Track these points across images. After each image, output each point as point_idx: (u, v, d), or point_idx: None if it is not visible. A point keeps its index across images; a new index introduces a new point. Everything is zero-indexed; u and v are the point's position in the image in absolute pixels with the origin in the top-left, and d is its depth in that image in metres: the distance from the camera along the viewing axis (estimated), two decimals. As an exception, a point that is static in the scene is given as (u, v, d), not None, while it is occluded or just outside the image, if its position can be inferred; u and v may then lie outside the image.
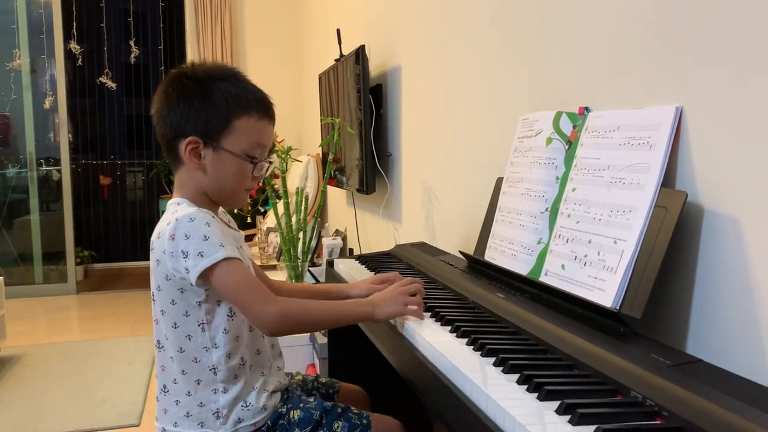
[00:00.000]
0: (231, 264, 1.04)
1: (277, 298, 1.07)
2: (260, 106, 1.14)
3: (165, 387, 1.14)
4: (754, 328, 0.85)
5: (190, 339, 1.10)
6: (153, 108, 1.15)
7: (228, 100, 1.10)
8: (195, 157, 1.11)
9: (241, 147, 1.12)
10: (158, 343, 1.15)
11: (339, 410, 1.19)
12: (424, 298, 1.19)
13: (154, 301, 1.13)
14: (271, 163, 1.19)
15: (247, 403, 1.12)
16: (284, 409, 1.17)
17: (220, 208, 1.25)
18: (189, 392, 1.12)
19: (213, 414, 1.11)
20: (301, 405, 1.18)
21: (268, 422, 1.14)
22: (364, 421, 1.18)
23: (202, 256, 1.02)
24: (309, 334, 2.35)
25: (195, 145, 1.10)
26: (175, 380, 1.13)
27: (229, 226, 1.23)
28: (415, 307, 1.13)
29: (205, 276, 1.04)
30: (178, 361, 1.11)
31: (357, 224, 3.08)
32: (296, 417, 1.16)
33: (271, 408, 1.16)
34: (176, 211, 1.09)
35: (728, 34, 0.90)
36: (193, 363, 1.11)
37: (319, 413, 1.17)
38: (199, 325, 1.10)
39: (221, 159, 1.11)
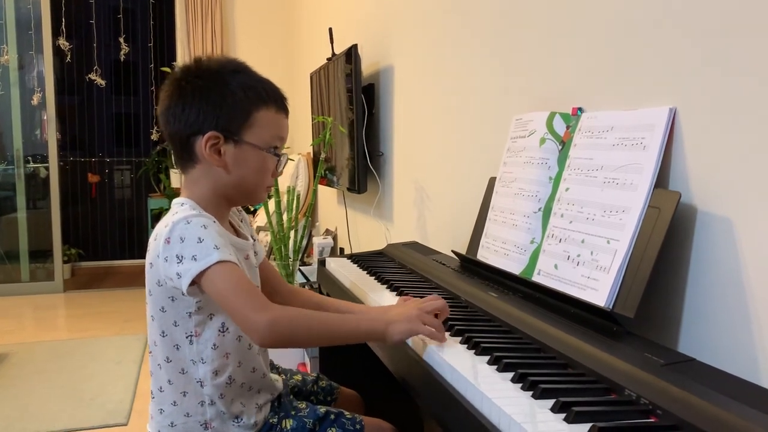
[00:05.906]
0: (224, 267, 0.97)
1: (273, 305, 0.98)
2: (277, 98, 1.10)
3: (152, 393, 1.11)
4: (746, 327, 0.86)
5: (177, 349, 1.05)
6: (161, 106, 1.07)
7: (246, 93, 1.05)
8: (215, 153, 1.05)
9: (263, 140, 1.07)
10: (151, 345, 1.10)
11: (332, 416, 1.16)
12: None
13: (147, 303, 1.08)
14: (288, 157, 1.14)
15: (239, 420, 1.09)
16: (275, 419, 1.13)
17: (233, 209, 1.19)
18: (175, 402, 1.07)
19: (201, 425, 1.07)
20: (293, 413, 1.15)
21: None
22: (357, 426, 1.15)
23: (195, 259, 0.96)
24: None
25: (215, 141, 1.04)
26: (161, 388, 1.08)
27: (239, 233, 1.17)
28: (432, 329, 0.99)
29: (198, 281, 0.97)
30: (165, 369, 1.07)
31: (348, 224, 3.08)
32: (289, 427, 1.12)
33: (262, 421, 1.12)
34: (176, 213, 1.03)
35: (722, 35, 0.90)
36: (180, 374, 1.06)
37: (312, 422, 1.13)
38: (187, 337, 1.05)
39: (244, 153, 1.06)
